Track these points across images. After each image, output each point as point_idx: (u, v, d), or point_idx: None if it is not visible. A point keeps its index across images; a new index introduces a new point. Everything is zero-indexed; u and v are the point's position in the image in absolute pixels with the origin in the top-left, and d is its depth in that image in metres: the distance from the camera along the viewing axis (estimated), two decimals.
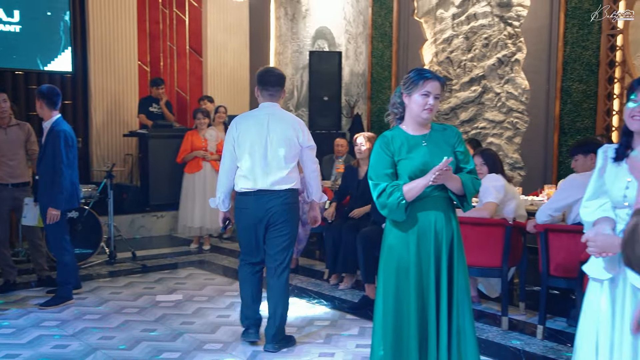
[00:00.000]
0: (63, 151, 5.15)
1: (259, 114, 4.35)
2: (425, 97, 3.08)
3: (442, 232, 3.11)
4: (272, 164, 4.25)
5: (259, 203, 4.25)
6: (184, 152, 7.66)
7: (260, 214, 4.26)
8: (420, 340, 3.10)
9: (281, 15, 10.57)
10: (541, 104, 7.11)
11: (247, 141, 4.26)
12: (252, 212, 4.27)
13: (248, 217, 4.31)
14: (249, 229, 4.32)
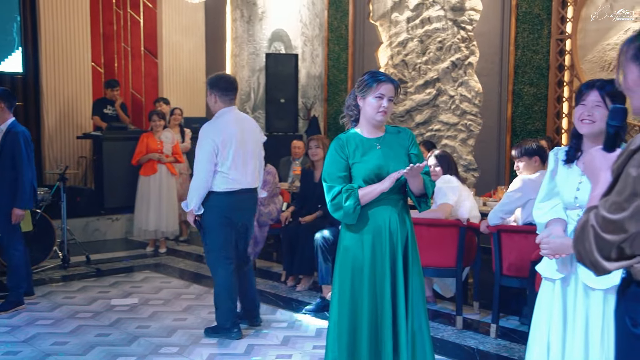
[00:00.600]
0: (24, 151, 5.12)
1: (234, 118, 4.55)
2: (379, 99, 3.12)
3: (397, 233, 3.15)
4: (251, 164, 4.56)
5: (243, 201, 4.52)
6: (139, 154, 7.56)
7: (244, 212, 4.57)
8: (373, 341, 3.13)
9: (237, 17, 10.53)
10: (494, 107, 7.26)
11: (233, 145, 4.43)
12: (240, 211, 4.52)
13: (238, 216, 4.51)
14: (234, 227, 4.53)
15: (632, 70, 1.65)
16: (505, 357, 4.23)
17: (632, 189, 1.50)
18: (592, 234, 1.54)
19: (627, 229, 1.50)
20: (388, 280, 3.12)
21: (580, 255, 1.58)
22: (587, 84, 2.64)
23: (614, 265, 1.54)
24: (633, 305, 1.62)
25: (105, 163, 8.35)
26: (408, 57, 8.11)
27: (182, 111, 8.40)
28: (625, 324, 1.63)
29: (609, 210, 1.53)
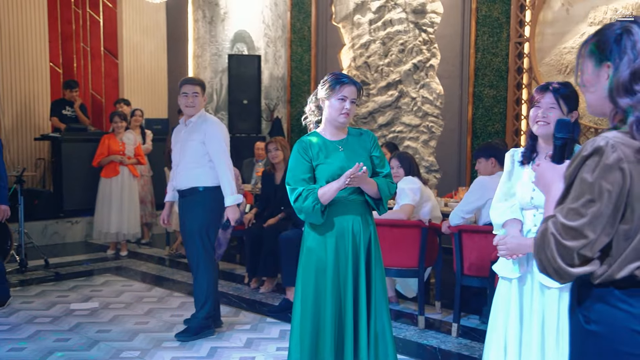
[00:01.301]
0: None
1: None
2: (342, 101, 3.15)
3: (360, 234, 3.18)
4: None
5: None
6: (100, 155, 7.45)
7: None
8: (336, 342, 3.15)
9: (199, 17, 10.46)
10: (455, 109, 7.35)
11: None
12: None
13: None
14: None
15: (588, 67, 1.69)
16: (466, 356, 4.29)
17: (589, 195, 1.54)
18: (553, 242, 1.56)
19: (587, 234, 1.54)
20: (350, 282, 3.14)
21: (543, 264, 1.60)
22: (542, 87, 2.70)
23: (578, 270, 1.57)
24: (587, 303, 1.65)
25: (64, 165, 8.21)
26: (370, 59, 8.16)
27: (142, 112, 8.31)
28: (579, 320, 1.66)
29: (567, 218, 1.56)
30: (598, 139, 1.57)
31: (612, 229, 1.56)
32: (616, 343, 1.59)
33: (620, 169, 1.53)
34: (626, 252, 1.57)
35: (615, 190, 1.54)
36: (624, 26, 1.63)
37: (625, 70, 1.58)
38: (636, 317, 1.58)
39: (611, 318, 1.60)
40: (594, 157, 1.55)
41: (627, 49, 1.59)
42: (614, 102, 1.61)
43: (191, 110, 4.58)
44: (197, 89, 4.59)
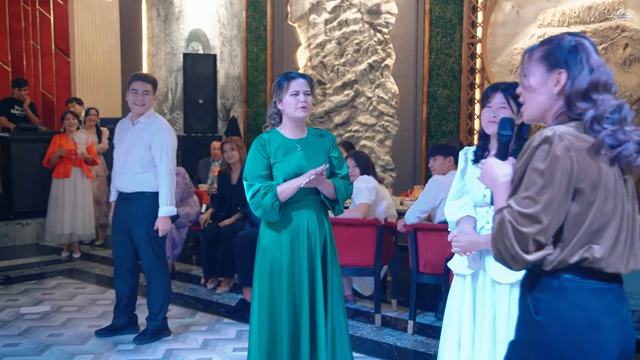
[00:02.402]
0: None
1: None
2: (295, 96, 3.16)
3: (315, 233, 3.19)
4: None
5: None
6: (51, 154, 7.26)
7: None
8: (293, 341, 3.15)
9: (153, 16, 10.33)
10: (410, 108, 7.43)
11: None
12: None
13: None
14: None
15: (537, 71, 1.81)
16: (422, 353, 4.34)
17: (542, 182, 1.64)
18: (511, 229, 1.65)
19: (541, 220, 1.64)
20: (306, 281, 3.15)
21: (500, 252, 1.68)
22: (492, 87, 2.77)
23: (533, 256, 1.66)
24: (537, 294, 1.73)
25: (13, 165, 7.99)
26: (326, 59, 8.18)
27: (97, 111, 8.16)
28: (529, 311, 1.74)
29: (521, 205, 1.65)
30: (545, 130, 1.68)
31: (563, 214, 1.67)
32: (562, 334, 1.67)
33: (568, 157, 1.65)
34: (577, 237, 1.68)
35: (565, 177, 1.65)
36: (577, 39, 1.78)
37: (583, 80, 1.74)
38: (583, 310, 1.67)
39: (558, 309, 1.69)
40: (543, 147, 1.66)
41: (583, 61, 1.75)
42: (570, 105, 1.74)
43: (140, 109, 4.41)
44: (148, 87, 4.43)
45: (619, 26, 5.94)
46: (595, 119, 1.69)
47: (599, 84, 1.74)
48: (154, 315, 4.55)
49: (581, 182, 1.67)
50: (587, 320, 1.67)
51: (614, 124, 1.69)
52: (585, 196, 1.68)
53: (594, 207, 1.69)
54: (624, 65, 5.95)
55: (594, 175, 1.68)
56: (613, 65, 5.98)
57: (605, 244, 1.70)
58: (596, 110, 1.70)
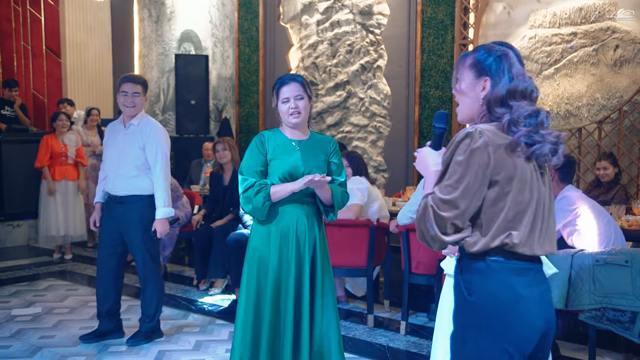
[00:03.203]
0: None
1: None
2: (286, 102, 3.18)
3: (304, 236, 3.18)
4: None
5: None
6: (43, 156, 7.20)
7: None
8: (273, 341, 3.15)
9: (145, 16, 10.30)
10: (402, 109, 7.45)
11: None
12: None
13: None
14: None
15: (467, 77, 2.02)
16: (415, 354, 4.35)
17: (461, 172, 1.86)
18: (432, 213, 1.86)
19: (459, 205, 1.86)
20: (292, 283, 3.14)
21: (422, 233, 1.89)
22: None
23: (451, 238, 1.87)
24: (467, 276, 1.94)
25: (4, 166, 7.96)
26: (318, 60, 8.19)
27: (99, 111, 8.14)
28: (463, 294, 1.93)
29: (442, 192, 1.87)
30: (469, 128, 1.91)
31: (479, 201, 1.88)
32: (492, 311, 1.88)
33: (486, 151, 1.86)
34: (497, 224, 1.89)
35: (481, 168, 1.86)
36: (503, 49, 1.99)
37: (502, 88, 1.94)
38: (508, 286, 1.89)
39: (486, 288, 1.90)
40: (465, 141, 1.88)
41: (504, 70, 1.96)
42: (490, 109, 1.96)
43: (131, 111, 4.36)
44: (138, 88, 4.36)
45: (610, 27, 5.98)
46: (511, 121, 1.90)
47: (517, 91, 1.95)
48: (148, 317, 4.52)
49: (497, 175, 1.88)
50: (512, 295, 1.88)
51: (529, 126, 1.90)
52: (501, 186, 1.89)
53: (510, 197, 1.90)
54: (615, 66, 5.98)
55: (509, 169, 1.89)
56: (604, 66, 6.02)
57: (522, 230, 1.91)
58: (511, 115, 1.91)
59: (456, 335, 1.99)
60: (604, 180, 5.37)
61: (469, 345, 1.92)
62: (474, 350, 1.91)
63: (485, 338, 1.90)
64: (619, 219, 4.43)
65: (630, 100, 5.84)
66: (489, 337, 1.89)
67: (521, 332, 1.90)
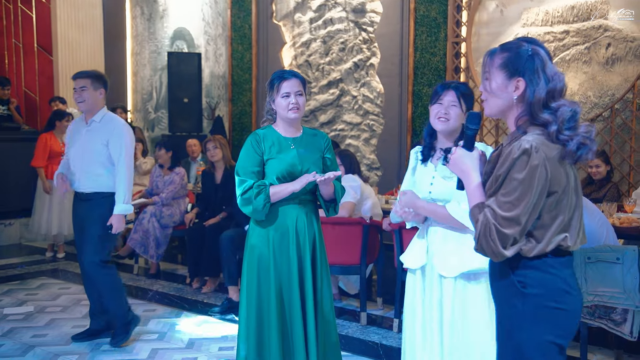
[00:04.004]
0: None
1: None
2: (286, 97, 3.17)
3: (304, 232, 3.19)
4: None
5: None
6: (42, 155, 7.13)
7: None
8: (283, 340, 3.15)
9: (137, 14, 10.27)
10: (395, 107, 7.45)
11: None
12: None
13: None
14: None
15: (498, 77, 2.04)
16: None
17: (522, 190, 1.90)
18: (495, 231, 1.92)
19: (521, 222, 1.92)
20: (296, 280, 3.15)
21: (483, 249, 1.96)
22: (443, 85, 2.85)
23: (510, 252, 1.94)
24: (523, 272, 2.00)
25: None
26: (311, 58, 8.18)
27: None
28: (516, 288, 2.00)
29: (503, 209, 1.92)
30: (523, 142, 1.92)
31: (536, 215, 1.95)
32: (549, 300, 1.98)
33: (544, 167, 1.91)
34: (552, 230, 1.97)
35: (540, 184, 1.91)
36: (533, 48, 2.01)
37: (542, 90, 1.97)
38: (562, 279, 1.99)
39: (544, 281, 1.98)
40: (522, 158, 1.91)
41: (539, 71, 1.98)
42: (534, 114, 1.98)
43: (82, 106, 4.29)
44: (84, 82, 4.27)
45: (602, 26, 6.00)
46: (558, 131, 1.94)
47: (555, 91, 1.99)
48: (117, 315, 4.41)
49: (554, 187, 1.95)
50: (565, 286, 2.00)
51: (570, 129, 1.94)
52: (556, 196, 1.96)
53: (563, 203, 1.98)
54: (607, 64, 6.00)
55: (562, 178, 1.96)
56: (596, 64, 6.04)
57: (573, 232, 2.02)
58: (557, 122, 1.94)
59: (507, 327, 2.05)
60: (596, 178, 5.39)
61: (524, 336, 2.00)
62: (528, 340, 1.99)
63: (541, 327, 1.98)
64: (610, 216, 4.45)
65: (621, 99, 5.87)
66: (545, 326, 1.98)
67: (574, 320, 2.03)
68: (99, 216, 4.28)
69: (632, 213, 4.75)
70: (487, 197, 1.99)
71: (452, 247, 2.73)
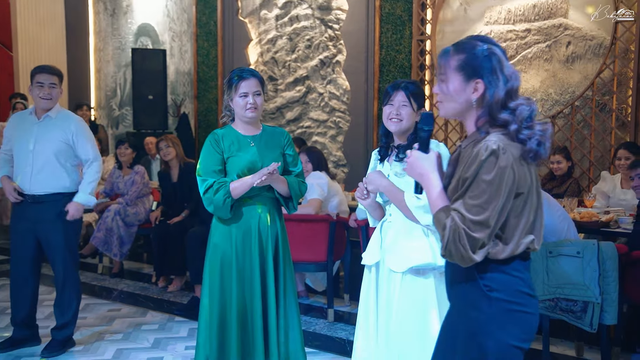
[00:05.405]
0: None
1: None
2: (244, 97, 3.17)
3: (267, 230, 3.20)
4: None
5: None
6: None
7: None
8: (243, 338, 3.15)
9: (100, 10, 10.12)
10: (361, 104, 7.48)
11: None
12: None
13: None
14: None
15: (455, 79, 1.98)
16: None
17: (491, 192, 1.86)
18: (465, 235, 1.86)
19: (490, 225, 1.87)
20: (258, 278, 3.15)
21: (452, 254, 1.89)
22: (393, 85, 2.87)
23: (479, 256, 1.89)
24: (489, 276, 1.96)
25: None
26: (278, 55, 8.17)
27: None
28: (482, 292, 1.97)
29: (472, 213, 1.86)
30: (490, 144, 1.88)
31: (504, 217, 1.91)
32: (515, 304, 1.96)
33: (512, 168, 1.87)
34: (519, 232, 1.94)
35: (508, 186, 1.87)
36: (489, 48, 1.96)
37: (501, 90, 1.93)
38: (525, 282, 1.98)
39: (510, 284, 1.96)
40: (490, 159, 1.86)
41: (497, 71, 1.94)
42: (493, 115, 1.94)
43: (47, 103, 4.10)
44: (54, 79, 4.13)
45: (562, 24, 6.11)
46: (518, 130, 1.91)
47: (513, 90, 1.95)
48: (64, 325, 4.25)
49: (520, 188, 1.91)
50: (528, 288, 1.98)
51: (529, 127, 1.92)
52: (523, 197, 1.93)
53: (528, 204, 1.95)
54: (567, 62, 6.11)
55: (527, 178, 1.94)
56: (557, 62, 6.15)
57: (537, 233, 2.00)
58: (516, 122, 1.92)
59: (469, 333, 2.00)
60: (557, 174, 5.49)
61: (489, 341, 1.96)
62: (494, 344, 1.95)
63: (507, 332, 1.96)
64: (571, 211, 4.54)
65: (581, 96, 5.99)
66: (510, 330, 1.96)
67: (536, 322, 2.02)
68: (58, 218, 4.10)
69: (592, 208, 4.86)
70: (453, 200, 1.93)
71: (402, 243, 2.76)
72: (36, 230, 4.14)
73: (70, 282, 4.23)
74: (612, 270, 3.59)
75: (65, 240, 4.15)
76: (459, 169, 1.94)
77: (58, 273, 4.22)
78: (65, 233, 4.14)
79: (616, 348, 4.01)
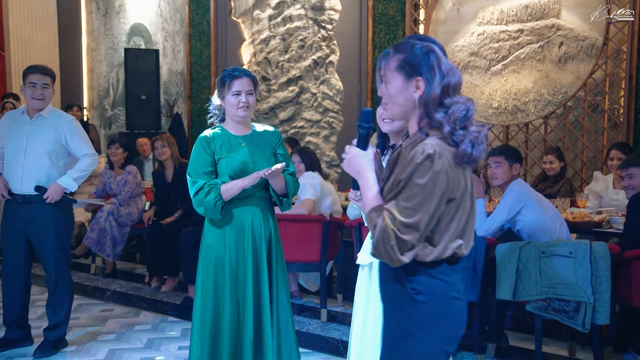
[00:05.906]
0: None
1: None
2: (237, 96, 3.17)
3: (260, 230, 3.19)
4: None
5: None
6: None
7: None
8: (235, 338, 3.15)
9: (93, 9, 10.09)
10: (354, 104, 7.49)
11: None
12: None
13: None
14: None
15: (396, 79, 1.97)
16: None
17: (423, 196, 1.85)
18: (394, 237, 1.85)
19: (420, 228, 1.86)
20: (250, 278, 3.15)
21: (380, 254, 1.89)
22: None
23: (407, 257, 1.88)
24: (416, 279, 1.96)
25: None
26: (271, 55, 8.16)
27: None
28: (409, 295, 1.97)
29: (404, 215, 1.85)
30: (427, 147, 1.86)
31: (435, 221, 1.90)
32: (439, 308, 1.97)
33: (446, 173, 1.86)
34: (449, 235, 1.93)
35: (441, 191, 1.87)
36: (426, 45, 1.95)
37: (437, 87, 1.91)
38: (452, 286, 1.98)
39: (435, 288, 1.96)
40: (425, 163, 1.85)
41: (435, 67, 1.92)
42: (429, 114, 1.92)
43: (39, 104, 4.09)
44: (47, 80, 4.12)
45: (555, 25, 6.13)
46: (450, 132, 1.89)
47: (450, 87, 1.92)
48: (57, 325, 4.24)
49: (453, 193, 1.91)
50: (454, 292, 1.99)
51: (463, 128, 1.89)
52: (455, 202, 1.93)
53: (460, 209, 1.94)
54: (559, 62, 6.14)
55: (461, 183, 1.93)
56: (549, 62, 6.17)
57: (467, 238, 1.99)
58: (449, 123, 1.89)
59: (395, 335, 2.02)
60: (550, 174, 5.51)
61: (413, 343, 1.97)
62: (418, 347, 1.97)
63: (431, 335, 1.97)
64: (563, 211, 4.55)
65: (574, 96, 6.01)
66: (434, 334, 1.97)
67: (462, 326, 2.03)
68: (51, 221, 4.10)
69: (585, 208, 4.88)
70: (386, 200, 1.92)
71: None
72: (27, 230, 4.13)
73: (63, 282, 4.22)
74: (605, 270, 3.60)
75: (57, 240, 4.14)
76: (397, 170, 1.93)
77: (50, 273, 4.21)
78: (56, 233, 4.13)
79: (608, 348, 4.02)
